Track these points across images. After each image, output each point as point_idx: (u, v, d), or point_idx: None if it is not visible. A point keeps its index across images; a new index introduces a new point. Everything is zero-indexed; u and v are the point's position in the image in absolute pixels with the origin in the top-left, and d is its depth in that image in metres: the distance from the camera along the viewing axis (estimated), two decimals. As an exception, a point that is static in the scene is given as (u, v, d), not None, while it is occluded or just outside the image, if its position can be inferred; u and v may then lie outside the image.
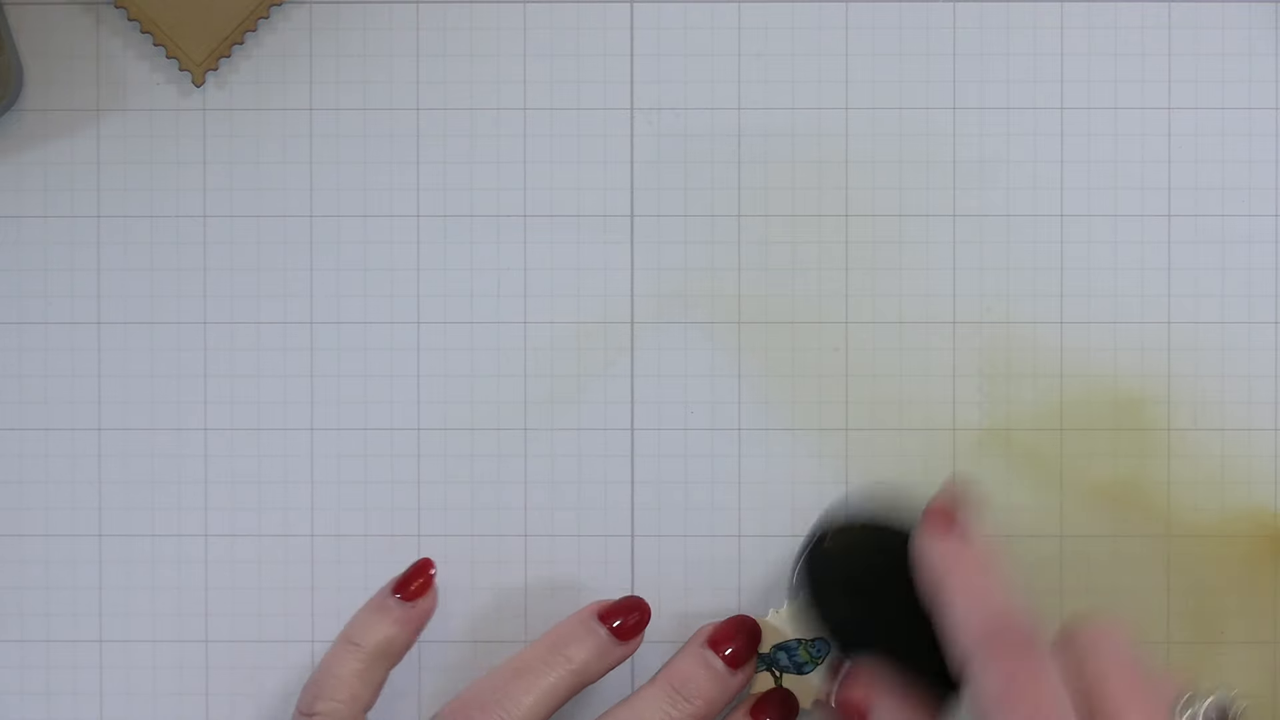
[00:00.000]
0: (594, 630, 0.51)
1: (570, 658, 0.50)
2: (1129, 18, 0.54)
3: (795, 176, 0.54)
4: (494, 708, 0.49)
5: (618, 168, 0.54)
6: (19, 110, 0.54)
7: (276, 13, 0.54)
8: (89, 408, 0.54)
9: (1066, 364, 0.54)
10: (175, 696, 0.54)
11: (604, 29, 0.54)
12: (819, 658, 0.53)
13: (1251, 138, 0.54)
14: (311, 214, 0.54)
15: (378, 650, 0.50)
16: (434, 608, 0.52)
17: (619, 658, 0.51)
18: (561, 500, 0.54)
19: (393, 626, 0.51)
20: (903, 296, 0.54)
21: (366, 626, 0.51)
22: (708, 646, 0.51)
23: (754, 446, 0.54)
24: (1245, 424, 0.54)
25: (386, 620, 0.51)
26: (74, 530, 0.54)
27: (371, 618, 0.51)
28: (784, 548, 0.54)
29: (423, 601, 0.51)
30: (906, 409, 0.54)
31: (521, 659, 0.50)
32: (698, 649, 0.51)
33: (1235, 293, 0.54)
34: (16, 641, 0.54)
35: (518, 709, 0.49)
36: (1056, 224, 0.54)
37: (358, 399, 0.54)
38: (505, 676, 0.50)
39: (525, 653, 0.50)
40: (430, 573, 0.52)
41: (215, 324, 0.54)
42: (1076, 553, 0.54)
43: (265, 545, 0.54)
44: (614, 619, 0.51)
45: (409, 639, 0.51)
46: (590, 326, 0.54)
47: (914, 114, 0.54)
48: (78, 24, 0.54)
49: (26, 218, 0.54)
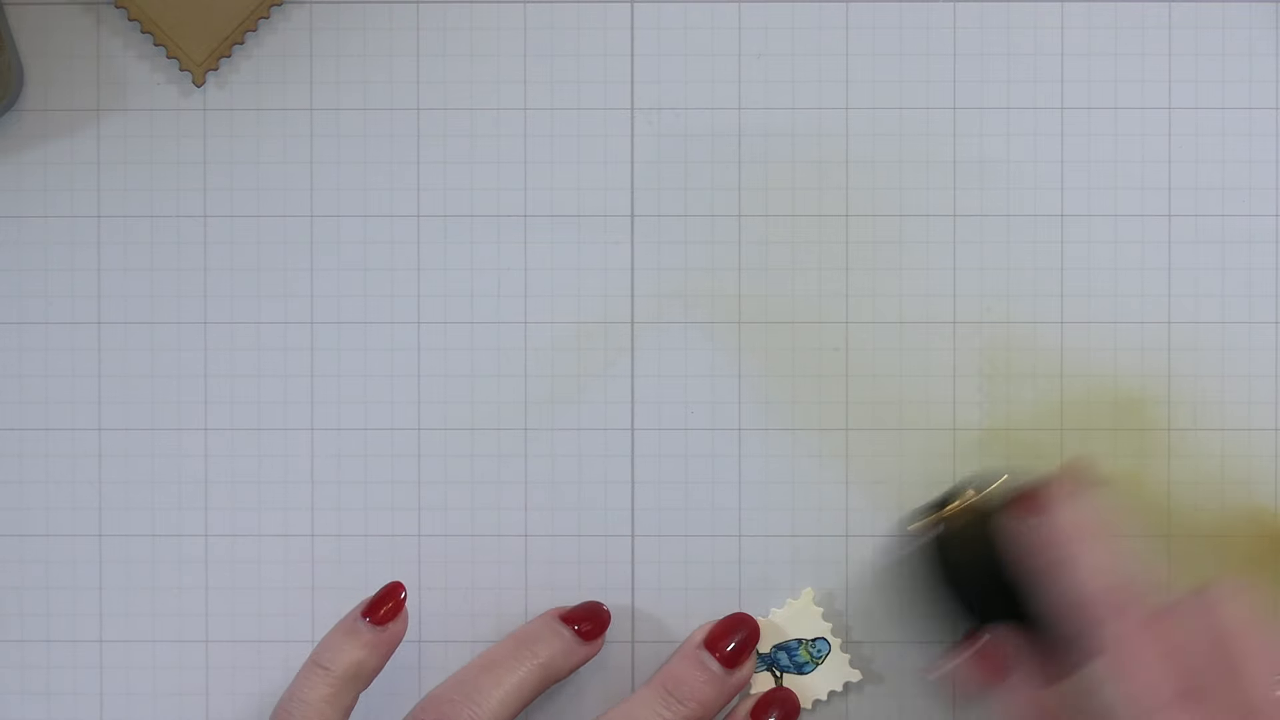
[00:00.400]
0: (559, 630, 0.51)
1: (537, 653, 0.51)
2: (1129, 18, 0.54)
3: (795, 176, 0.54)
4: (464, 702, 0.49)
5: (618, 168, 0.54)
6: (19, 110, 0.54)
7: (277, 13, 0.54)
8: (89, 408, 0.54)
9: (1066, 364, 0.54)
10: (175, 696, 0.54)
11: (604, 29, 0.54)
12: (819, 658, 0.53)
13: (1251, 138, 0.54)
14: (311, 214, 0.54)
15: (347, 674, 0.50)
16: (404, 631, 0.51)
17: (584, 656, 0.52)
18: (561, 500, 0.54)
19: (362, 650, 0.50)
20: (903, 296, 0.54)
21: (336, 650, 0.50)
22: (703, 647, 0.51)
23: (754, 446, 0.54)
24: (1245, 424, 0.54)
25: (357, 644, 0.50)
26: (74, 530, 0.54)
27: (342, 641, 0.50)
28: (784, 548, 0.54)
29: (393, 625, 0.51)
30: (906, 409, 0.54)
31: (490, 655, 0.51)
32: (693, 650, 0.51)
33: (1235, 293, 0.54)
34: (16, 641, 0.54)
35: (488, 702, 0.49)
36: (1056, 224, 0.54)
37: (358, 399, 0.54)
38: (474, 672, 0.50)
39: (494, 649, 0.51)
40: (400, 596, 0.51)
41: (215, 324, 0.54)
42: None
43: (265, 545, 0.54)
44: (574, 623, 0.52)
45: (379, 663, 0.51)
46: (590, 326, 0.54)
47: (914, 114, 0.54)
48: (78, 24, 0.54)
49: (26, 218, 0.54)
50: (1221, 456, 0.54)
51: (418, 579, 0.54)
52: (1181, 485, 0.54)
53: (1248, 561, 0.54)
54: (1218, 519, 0.54)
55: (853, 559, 0.54)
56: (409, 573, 0.54)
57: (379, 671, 0.51)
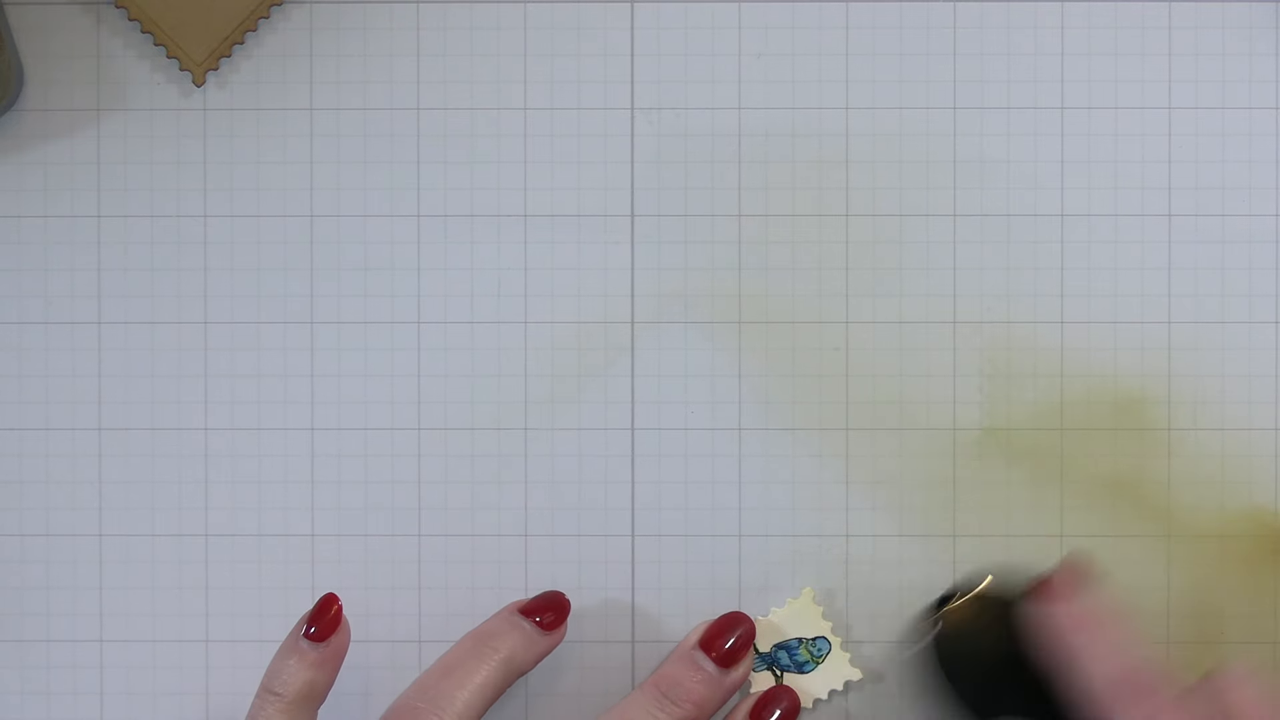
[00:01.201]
0: (518, 623, 0.51)
1: (497, 649, 0.50)
2: (1129, 18, 0.54)
3: (795, 176, 0.54)
4: (429, 709, 0.48)
5: (618, 168, 0.54)
6: (19, 110, 0.54)
7: (277, 13, 0.54)
8: (89, 408, 0.54)
9: (1066, 364, 0.54)
10: (175, 696, 0.54)
11: (604, 29, 0.54)
12: (819, 657, 0.53)
13: (1251, 138, 0.54)
14: (311, 214, 0.54)
15: (300, 696, 0.49)
16: (348, 641, 0.50)
17: (546, 648, 0.51)
18: (562, 500, 0.54)
19: (310, 670, 0.49)
20: (903, 296, 0.54)
21: (285, 674, 0.49)
22: (699, 648, 0.51)
23: (754, 446, 0.54)
24: (1245, 424, 0.54)
25: (304, 664, 0.49)
26: (74, 530, 0.54)
27: (288, 664, 0.49)
28: (784, 548, 0.54)
29: (335, 639, 0.50)
30: (906, 409, 0.54)
31: (450, 657, 0.50)
32: (688, 651, 0.51)
33: (1235, 293, 0.54)
34: (16, 641, 0.54)
35: (452, 706, 0.49)
36: (1056, 224, 0.54)
37: (358, 399, 0.54)
38: (435, 676, 0.50)
39: (453, 651, 0.50)
40: (335, 608, 0.50)
41: (215, 324, 0.54)
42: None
43: (265, 545, 0.54)
44: (535, 615, 0.51)
45: (329, 678, 0.50)
46: (590, 326, 0.54)
47: (914, 114, 0.54)
48: (78, 24, 0.54)
49: (26, 218, 0.54)
50: (1221, 456, 0.54)
51: (418, 579, 0.54)
52: (1181, 485, 0.54)
53: (1248, 561, 0.54)
54: (1218, 519, 0.54)
55: (853, 559, 0.54)
56: (409, 572, 0.54)
57: (332, 685, 0.50)
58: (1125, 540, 0.54)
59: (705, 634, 0.52)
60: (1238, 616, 0.54)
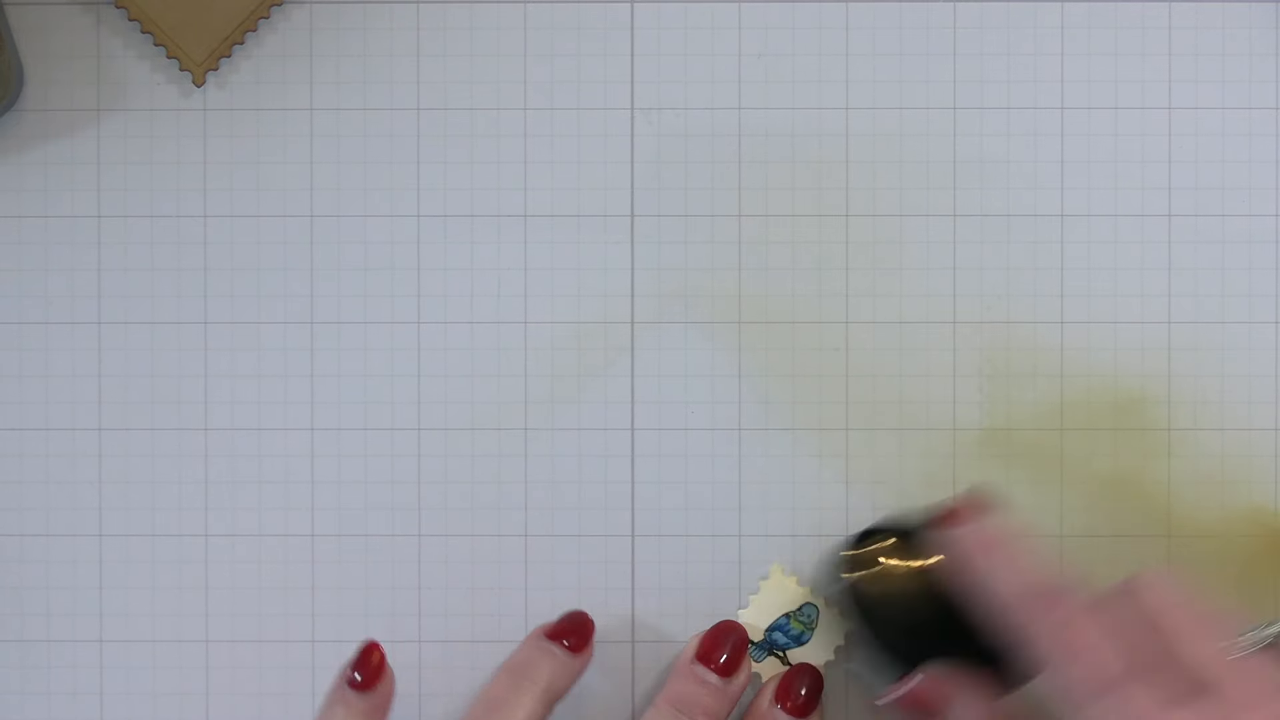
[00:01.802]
0: (549, 650, 0.51)
1: (536, 680, 0.50)
2: (1129, 18, 0.54)
3: (795, 176, 0.54)
4: None
5: (618, 168, 0.54)
6: (19, 110, 0.54)
7: (277, 13, 0.54)
8: (89, 408, 0.54)
9: (1066, 364, 0.54)
10: (175, 696, 0.54)
11: (604, 29, 0.54)
12: (812, 623, 0.53)
13: (1251, 138, 0.54)
14: (311, 214, 0.54)
15: None
16: (393, 688, 0.51)
17: (579, 669, 0.52)
18: (562, 500, 0.54)
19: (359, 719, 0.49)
20: (903, 296, 0.54)
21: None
22: (698, 662, 0.51)
23: (754, 446, 0.54)
24: (1245, 424, 0.54)
25: (351, 714, 0.49)
26: (74, 530, 0.54)
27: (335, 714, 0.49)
28: (784, 548, 0.54)
29: (382, 686, 0.50)
30: (906, 409, 0.54)
31: (491, 693, 0.50)
32: (689, 666, 0.51)
33: (1235, 293, 0.54)
34: (16, 641, 0.54)
35: None
36: (1056, 224, 0.54)
37: (358, 399, 0.54)
38: (480, 714, 0.50)
39: (491, 687, 0.50)
40: (379, 654, 0.50)
41: (215, 324, 0.54)
42: (1076, 553, 0.54)
43: (265, 545, 0.54)
44: (562, 639, 0.51)
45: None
46: (590, 326, 0.54)
47: (914, 114, 0.54)
48: (78, 24, 0.54)
49: (26, 218, 0.54)
50: (1221, 456, 0.54)
51: (418, 579, 0.54)
52: (1181, 485, 0.54)
53: (1248, 561, 0.54)
54: (1218, 519, 0.54)
55: (853, 559, 0.54)
56: (409, 572, 0.54)
57: None
58: (1125, 540, 0.54)
59: (701, 647, 0.51)
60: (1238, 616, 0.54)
